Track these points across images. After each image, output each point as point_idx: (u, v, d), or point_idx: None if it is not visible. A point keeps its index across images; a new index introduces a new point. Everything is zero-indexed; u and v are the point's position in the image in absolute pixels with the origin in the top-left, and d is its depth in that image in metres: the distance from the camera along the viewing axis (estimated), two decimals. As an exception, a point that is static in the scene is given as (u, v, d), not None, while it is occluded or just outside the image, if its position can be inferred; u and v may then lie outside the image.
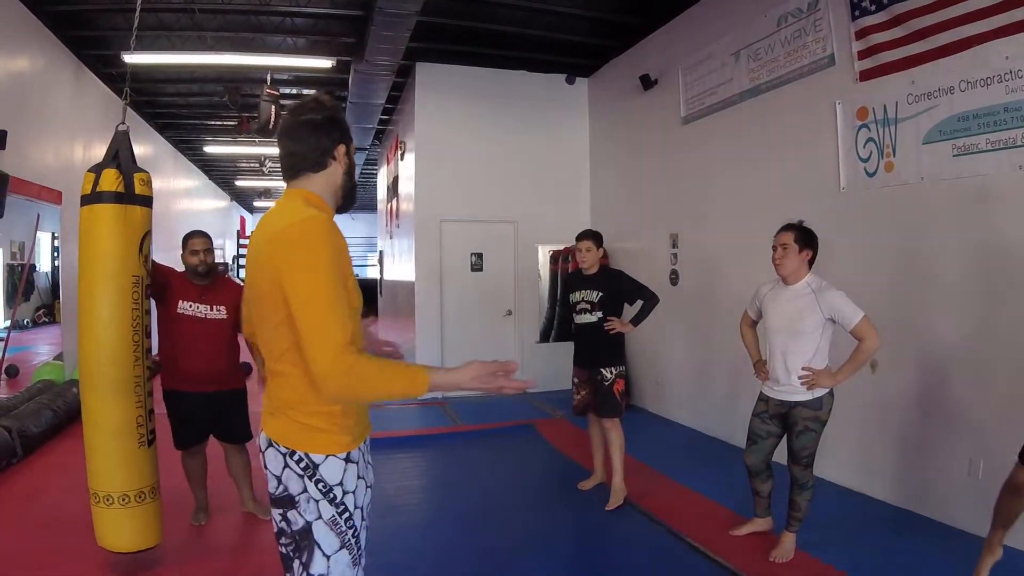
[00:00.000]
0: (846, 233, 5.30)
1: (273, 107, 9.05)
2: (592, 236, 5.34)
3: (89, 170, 3.68)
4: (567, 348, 9.67)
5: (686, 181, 7.73)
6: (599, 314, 5.23)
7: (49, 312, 9.53)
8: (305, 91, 11.61)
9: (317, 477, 1.99)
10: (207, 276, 4.52)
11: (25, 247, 8.85)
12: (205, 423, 4.52)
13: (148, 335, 3.82)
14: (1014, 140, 4.19)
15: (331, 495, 2.00)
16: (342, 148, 2.16)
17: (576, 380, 5.51)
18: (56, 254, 8.97)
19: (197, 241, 4.53)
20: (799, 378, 3.99)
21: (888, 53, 5.05)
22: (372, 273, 20.80)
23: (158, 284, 4.24)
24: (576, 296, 5.37)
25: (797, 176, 6.00)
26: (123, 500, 3.70)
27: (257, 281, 2.02)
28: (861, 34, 5.26)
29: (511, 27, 8.36)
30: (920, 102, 4.82)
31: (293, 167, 2.15)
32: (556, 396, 9.30)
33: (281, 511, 2.03)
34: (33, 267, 9.25)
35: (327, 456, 2.00)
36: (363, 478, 2.14)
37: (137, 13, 4.41)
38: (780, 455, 4.22)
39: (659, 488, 5.37)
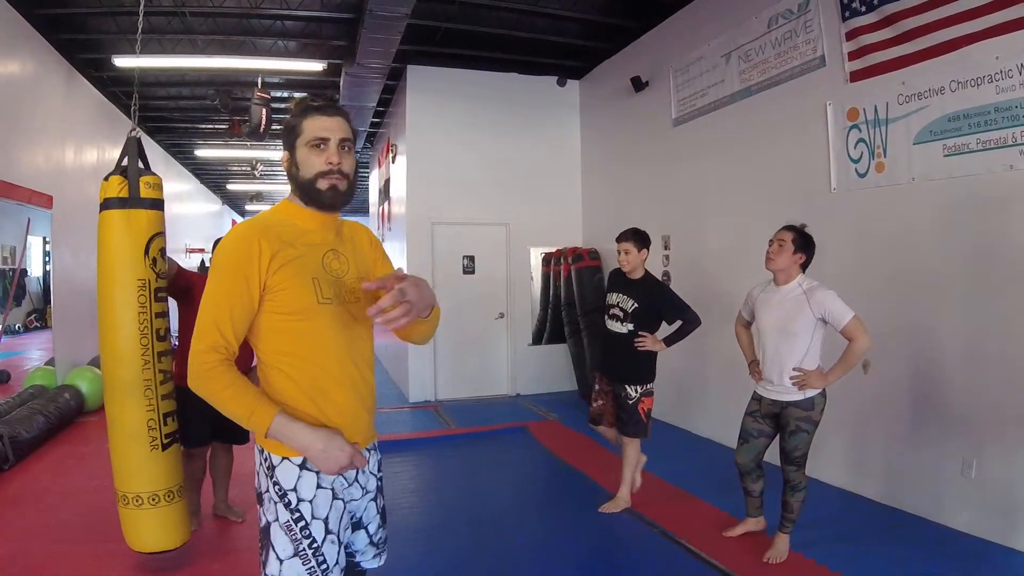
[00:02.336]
0: (837, 234, 5.31)
1: (264, 110, 9.04)
2: (634, 237, 4.94)
3: (104, 179, 3.74)
4: (559, 351, 9.79)
5: (678, 183, 7.74)
6: (630, 326, 4.89)
7: (40, 317, 9.48)
8: (296, 94, 11.60)
9: (274, 479, 2.00)
10: None
11: (16, 251, 8.81)
12: (213, 421, 4.50)
13: (161, 338, 3.82)
14: (1005, 140, 4.21)
15: (285, 499, 1.99)
16: (284, 156, 2.15)
17: (598, 387, 5.19)
18: (47, 259, 8.92)
19: None
20: (790, 379, 3.99)
21: (878, 54, 5.07)
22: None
23: (180, 287, 4.36)
24: (612, 298, 5.03)
25: (788, 177, 6.01)
26: (137, 501, 3.74)
27: None
28: (851, 35, 5.28)
29: (502, 29, 8.36)
30: (911, 102, 4.83)
31: None
32: (548, 398, 9.33)
33: (260, 507, 2.06)
34: (24, 272, 9.20)
35: (282, 459, 2.00)
36: (330, 489, 2.05)
37: (140, 18, 4.39)
38: (772, 456, 4.23)
39: (652, 490, 5.36)
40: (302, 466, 2.00)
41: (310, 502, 2.00)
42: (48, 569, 4.00)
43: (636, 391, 4.93)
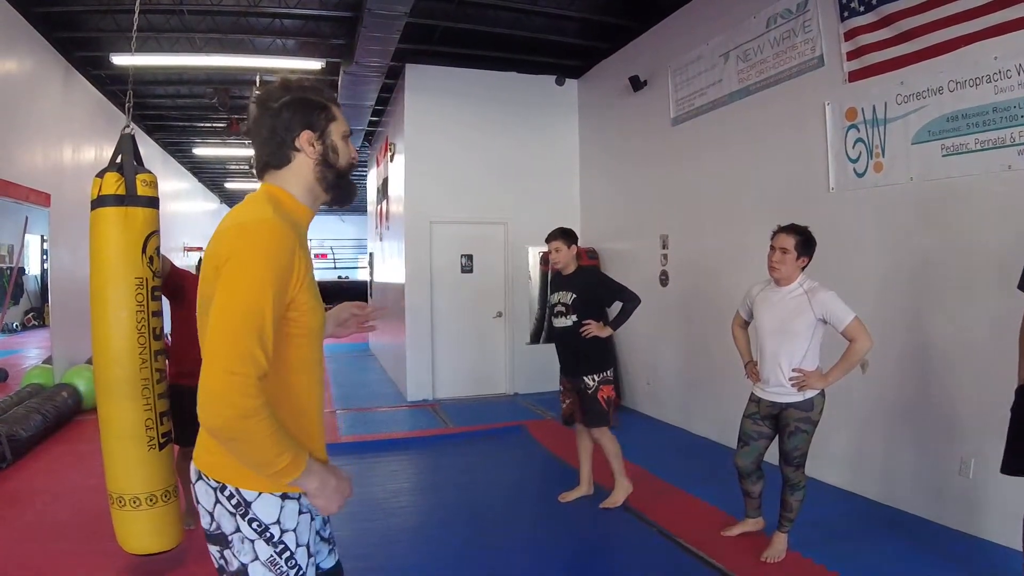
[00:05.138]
0: (836, 234, 5.30)
1: (262, 109, 9.02)
2: (562, 235, 5.14)
3: (96, 175, 3.72)
4: (557, 350, 9.76)
5: (676, 182, 7.74)
6: (574, 317, 5.06)
7: (38, 316, 9.47)
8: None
9: (250, 516, 1.74)
10: None
11: (13, 250, 8.79)
12: None
13: (157, 337, 3.81)
14: (1003, 140, 4.21)
15: (267, 534, 1.76)
16: (306, 135, 1.85)
17: (561, 387, 5.39)
18: (45, 257, 8.91)
19: None
20: (790, 379, 3.99)
21: (877, 54, 5.07)
22: (362, 275, 20.87)
23: (173, 285, 4.31)
24: (554, 298, 5.22)
25: (786, 177, 6.01)
26: (134, 503, 3.71)
27: (203, 290, 1.77)
28: (850, 35, 5.28)
29: (501, 29, 8.36)
30: (909, 102, 4.83)
31: (259, 165, 1.91)
32: (546, 397, 9.31)
33: (218, 549, 1.80)
34: (22, 270, 9.19)
35: (260, 493, 1.75)
36: (307, 512, 1.84)
37: (136, 15, 4.38)
38: (771, 456, 4.23)
39: (651, 490, 5.37)
40: (283, 496, 1.78)
41: (294, 531, 1.80)
42: (45, 568, 4.00)
43: (594, 380, 5.05)
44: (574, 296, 5.07)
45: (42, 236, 8.85)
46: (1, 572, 3.95)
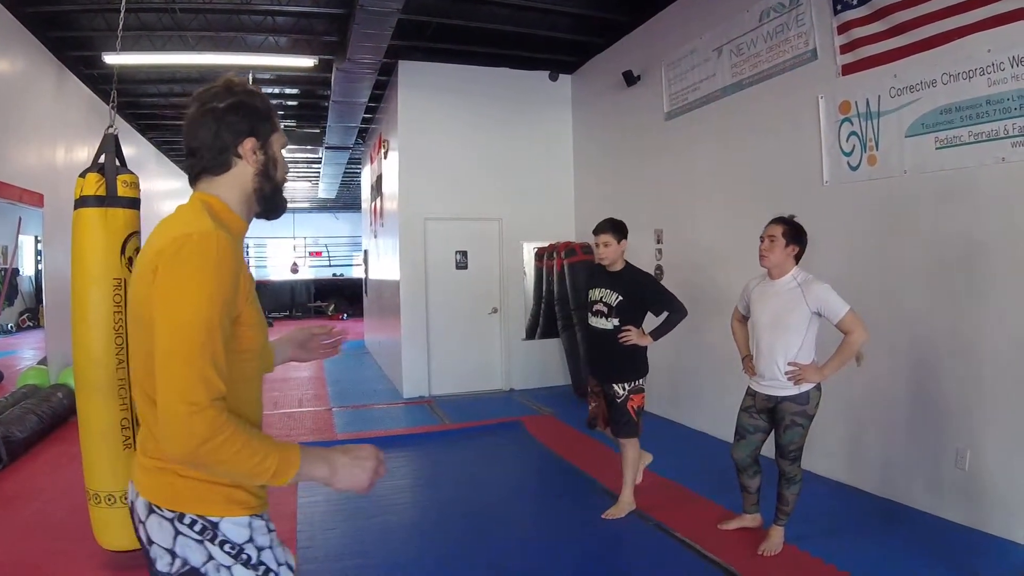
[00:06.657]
0: (829, 227, 5.31)
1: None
2: (611, 228, 4.75)
3: (79, 175, 3.74)
4: (553, 345, 9.78)
5: (670, 177, 7.74)
6: (615, 322, 4.73)
7: (33, 316, 9.46)
8: (288, 90, 11.58)
9: (221, 538, 1.61)
10: None
11: (8, 251, 8.78)
12: None
13: None
14: (996, 132, 4.22)
15: (244, 556, 1.62)
16: (250, 143, 1.74)
17: (591, 389, 5.11)
18: (39, 257, 8.90)
19: None
20: (785, 373, 4.00)
21: (870, 47, 5.07)
22: (357, 273, 20.86)
23: None
24: (595, 294, 4.85)
25: (780, 171, 6.01)
26: (109, 500, 3.74)
27: (136, 296, 1.64)
28: (843, 28, 5.28)
29: (494, 24, 8.35)
30: (903, 95, 4.84)
31: (193, 168, 1.76)
32: (543, 393, 9.33)
33: None
34: (16, 271, 9.17)
35: (221, 517, 1.62)
36: (273, 531, 1.74)
37: (122, 14, 4.37)
38: (767, 450, 4.23)
39: (647, 484, 5.36)
40: (252, 515, 1.66)
41: (270, 548, 1.68)
42: (43, 568, 4.00)
43: (624, 389, 4.79)
44: (620, 299, 4.72)
45: (36, 237, 8.84)
46: (1, 572, 3.96)
